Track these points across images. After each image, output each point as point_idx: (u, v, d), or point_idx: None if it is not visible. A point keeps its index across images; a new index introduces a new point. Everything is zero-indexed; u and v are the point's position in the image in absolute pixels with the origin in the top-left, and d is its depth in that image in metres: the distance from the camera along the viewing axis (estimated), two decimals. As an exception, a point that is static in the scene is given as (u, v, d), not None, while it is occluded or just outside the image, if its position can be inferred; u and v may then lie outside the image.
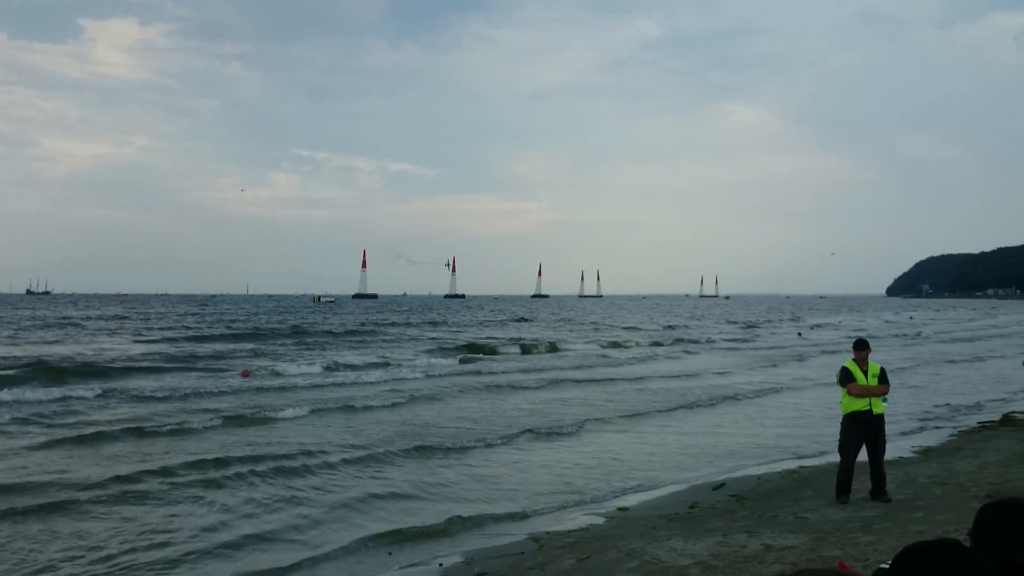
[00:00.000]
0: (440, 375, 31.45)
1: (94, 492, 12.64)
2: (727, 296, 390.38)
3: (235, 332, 56.59)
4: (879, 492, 11.03)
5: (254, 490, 12.99)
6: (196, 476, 13.76)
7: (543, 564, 9.02)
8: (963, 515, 8.56)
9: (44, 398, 22.46)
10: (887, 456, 11.55)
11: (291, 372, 31.69)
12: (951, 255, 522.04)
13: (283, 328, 62.12)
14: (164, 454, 15.67)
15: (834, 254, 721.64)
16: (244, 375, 30.38)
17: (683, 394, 25.56)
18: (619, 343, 50.81)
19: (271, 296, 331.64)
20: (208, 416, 19.90)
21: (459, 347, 45.96)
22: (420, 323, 78.98)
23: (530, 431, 18.40)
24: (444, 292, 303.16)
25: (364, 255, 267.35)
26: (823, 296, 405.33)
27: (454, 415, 21.17)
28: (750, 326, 77.32)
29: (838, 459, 11.30)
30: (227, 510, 11.91)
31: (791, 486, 12.69)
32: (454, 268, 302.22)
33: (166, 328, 63.87)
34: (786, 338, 59.17)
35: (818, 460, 14.83)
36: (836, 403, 12.05)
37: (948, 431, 18.06)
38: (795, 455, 15.73)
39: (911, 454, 15.00)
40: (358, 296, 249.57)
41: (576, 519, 11.48)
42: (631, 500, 12.59)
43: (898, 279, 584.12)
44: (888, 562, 2.11)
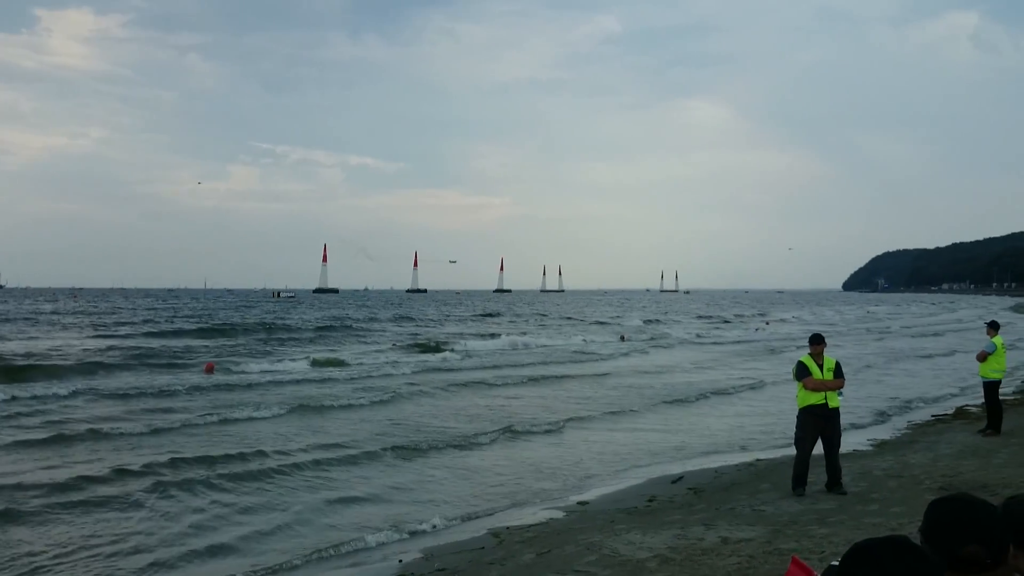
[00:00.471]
0: (416, 372, 30.62)
1: (29, 498, 11.84)
2: (687, 291, 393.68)
3: (198, 327, 55.28)
4: (834, 485, 11.17)
5: (203, 496, 12.24)
6: (143, 483, 12.80)
7: (503, 559, 9.02)
8: (917, 507, 8.69)
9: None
10: (842, 449, 11.72)
11: (256, 369, 30.74)
12: (906, 250, 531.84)
13: (246, 323, 61.26)
14: (112, 457, 14.74)
15: (791, 249, 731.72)
16: (207, 371, 29.75)
17: (665, 390, 25.38)
18: (586, 341, 50.74)
19: (230, 291, 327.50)
20: (165, 415, 19.34)
21: (435, 342, 45.19)
22: (389, 318, 78.04)
23: (508, 430, 17.92)
24: (406, 287, 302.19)
25: (325, 249, 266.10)
26: (781, 291, 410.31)
27: (429, 413, 20.60)
28: (723, 321, 77.71)
29: (794, 452, 11.43)
30: (172, 518, 11.22)
31: (748, 479, 12.82)
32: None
33: (124, 323, 62.66)
34: (757, 332, 59.69)
35: (775, 453, 15.00)
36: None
37: (903, 424, 18.36)
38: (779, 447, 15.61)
39: (866, 447, 15.22)
40: (319, 291, 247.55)
41: (536, 514, 11.50)
42: (591, 494, 12.63)
43: (854, 274, 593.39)
44: (839, 559, 2.13)
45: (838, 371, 11.22)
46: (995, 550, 2.27)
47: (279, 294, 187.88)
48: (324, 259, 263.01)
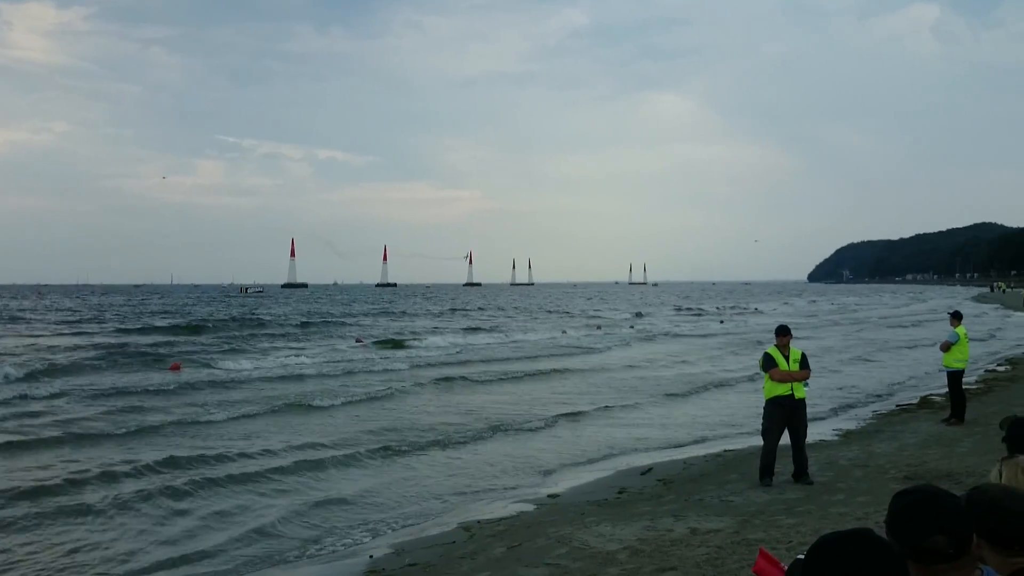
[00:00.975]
0: (401, 368, 29.95)
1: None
2: (655, 283, 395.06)
3: (171, 324, 54.28)
4: (801, 475, 11.27)
5: (164, 504, 11.65)
6: (102, 490, 12.19)
7: (474, 553, 9.01)
8: (882, 497, 8.76)
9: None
10: (809, 439, 11.82)
11: (227, 367, 29.90)
12: (871, 242, 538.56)
13: (216, 319, 60.51)
14: (69, 462, 14.05)
15: (758, 241, 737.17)
16: (174, 369, 29.02)
17: (657, 382, 25.35)
18: (565, 333, 50.67)
19: (196, 286, 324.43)
20: (128, 415, 18.75)
21: (417, 337, 44.76)
22: (365, 313, 77.22)
23: (499, 427, 17.64)
24: (375, 281, 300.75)
25: (293, 244, 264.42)
26: (747, 283, 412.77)
27: (416, 411, 20.06)
28: (699, 313, 77.78)
29: (761, 443, 11.52)
30: (130, 527, 10.62)
31: (716, 470, 12.91)
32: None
33: (91, 320, 61.71)
34: (737, 324, 59.27)
35: (742, 444, 15.11)
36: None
37: (868, 414, 18.54)
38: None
39: (832, 437, 15.37)
40: (288, 286, 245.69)
41: (507, 507, 11.49)
42: (561, 487, 12.66)
43: (819, 265, 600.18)
44: (805, 553, 2.14)
45: (804, 362, 11.32)
46: (958, 541, 2.29)
47: (247, 289, 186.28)
48: (292, 254, 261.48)
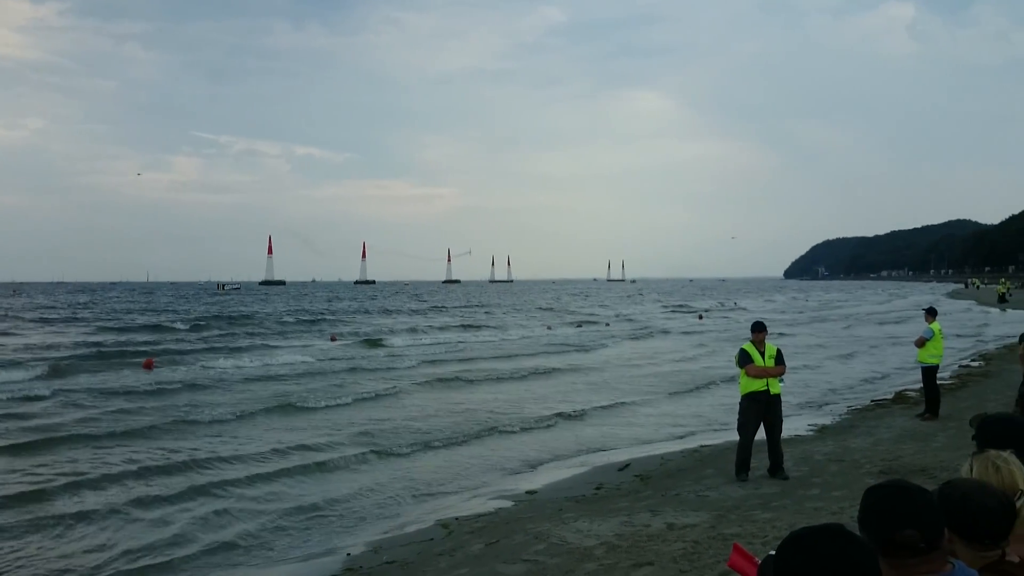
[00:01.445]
0: (390, 368, 29.30)
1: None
2: (633, 280, 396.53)
3: (143, 323, 53.79)
4: (777, 470, 11.34)
5: (140, 508, 11.32)
6: (66, 499, 11.70)
7: (452, 550, 9.01)
8: (858, 491, 8.74)
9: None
10: (784, 434, 11.90)
11: (205, 365, 29.28)
12: (846, 238, 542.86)
13: (192, 317, 60.14)
14: (35, 467, 13.52)
15: (734, 238, 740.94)
16: (147, 367, 28.55)
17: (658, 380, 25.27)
18: (551, 329, 50.67)
19: (173, 283, 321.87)
20: (98, 417, 18.32)
21: (407, 334, 44.52)
22: (347, 310, 76.25)
23: (481, 425, 17.43)
24: (354, 278, 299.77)
25: (270, 241, 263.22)
26: (724, 279, 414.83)
27: (405, 414, 19.30)
28: (686, 311, 77.27)
29: (737, 438, 11.58)
30: (97, 537, 10.16)
31: (693, 465, 12.96)
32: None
33: (70, 320, 60.78)
34: (723, 321, 59.05)
35: (718, 439, 15.19)
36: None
37: (843, 409, 18.66)
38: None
39: (808, 432, 15.46)
40: (265, 283, 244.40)
41: (485, 504, 11.49)
42: (539, 483, 12.67)
43: (795, 262, 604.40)
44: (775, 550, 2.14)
45: (779, 358, 11.40)
46: (930, 535, 2.30)
47: (224, 286, 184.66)
48: (270, 251, 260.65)
